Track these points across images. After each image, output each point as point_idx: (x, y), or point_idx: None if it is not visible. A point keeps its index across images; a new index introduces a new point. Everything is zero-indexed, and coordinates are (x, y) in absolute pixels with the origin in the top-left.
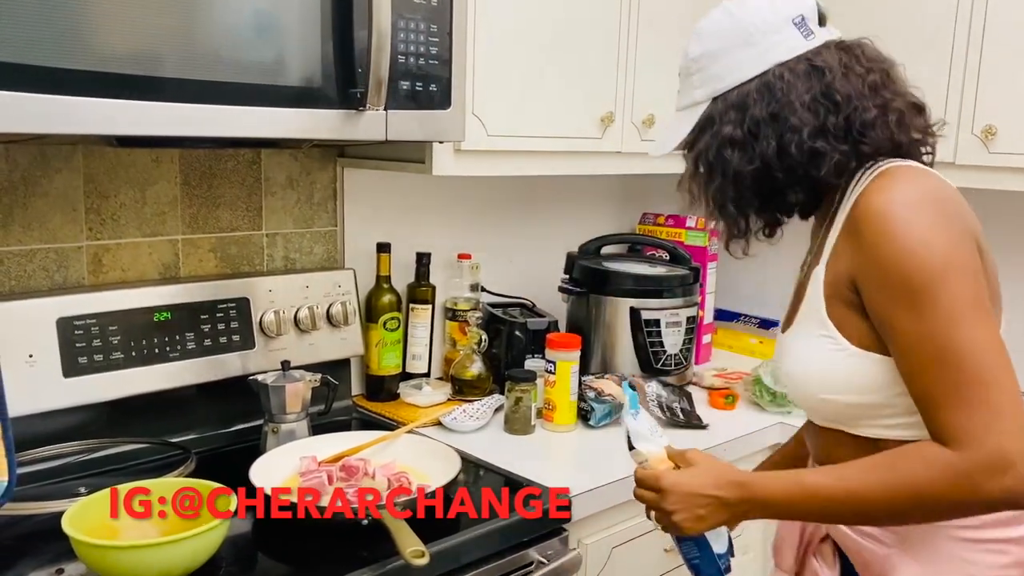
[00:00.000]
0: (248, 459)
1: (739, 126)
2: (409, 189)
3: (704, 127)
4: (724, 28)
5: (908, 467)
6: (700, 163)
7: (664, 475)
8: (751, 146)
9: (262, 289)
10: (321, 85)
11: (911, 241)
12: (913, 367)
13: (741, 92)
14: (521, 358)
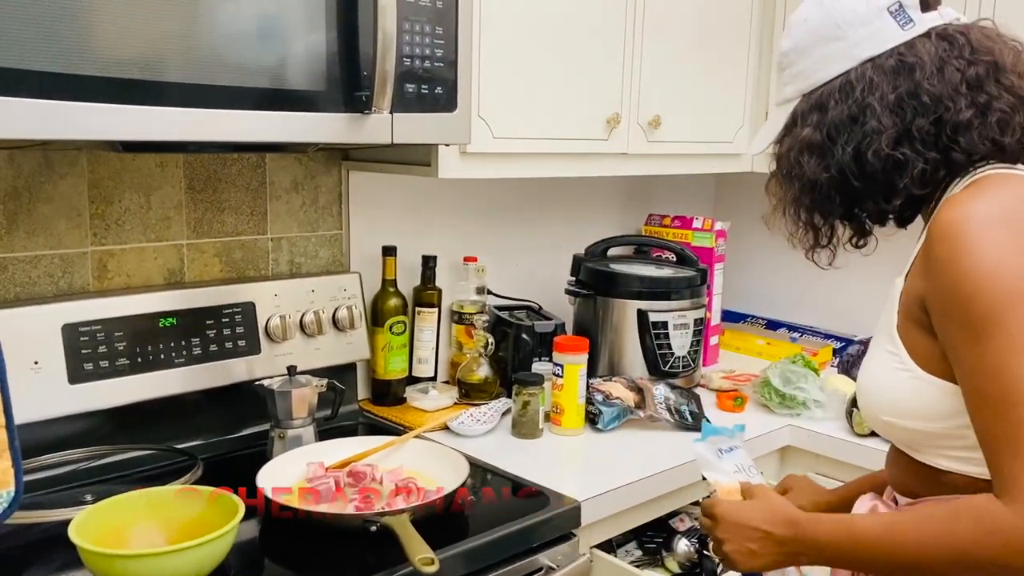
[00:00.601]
0: (255, 465)
1: (818, 129)
2: (414, 192)
3: (789, 127)
4: (813, 20)
5: (960, 524)
6: (781, 167)
7: (718, 503)
8: (829, 152)
9: (267, 294)
10: (326, 88)
11: (978, 263)
12: (974, 403)
13: (824, 92)
14: (528, 361)
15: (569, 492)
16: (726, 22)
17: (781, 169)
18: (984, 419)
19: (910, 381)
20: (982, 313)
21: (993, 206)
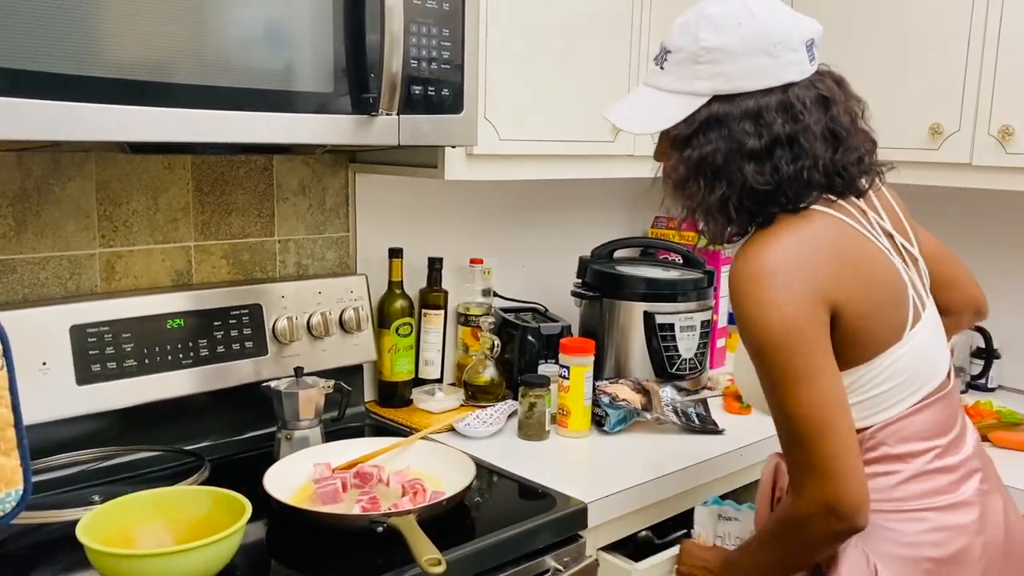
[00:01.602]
0: (262, 466)
1: (758, 139)
2: (421, 194)
3: (709, 126)
4: (748, 28)
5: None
6: (703, 165)
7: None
8: (767, 162)
9: (275, 295)
10: (333, 90)
11: (747, 316)
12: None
13: (758, 103)
14: (534, 363)
15: (576, 494)
16: None
17: (702, 168)
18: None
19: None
20: (753, 351)
21: (760, 259)
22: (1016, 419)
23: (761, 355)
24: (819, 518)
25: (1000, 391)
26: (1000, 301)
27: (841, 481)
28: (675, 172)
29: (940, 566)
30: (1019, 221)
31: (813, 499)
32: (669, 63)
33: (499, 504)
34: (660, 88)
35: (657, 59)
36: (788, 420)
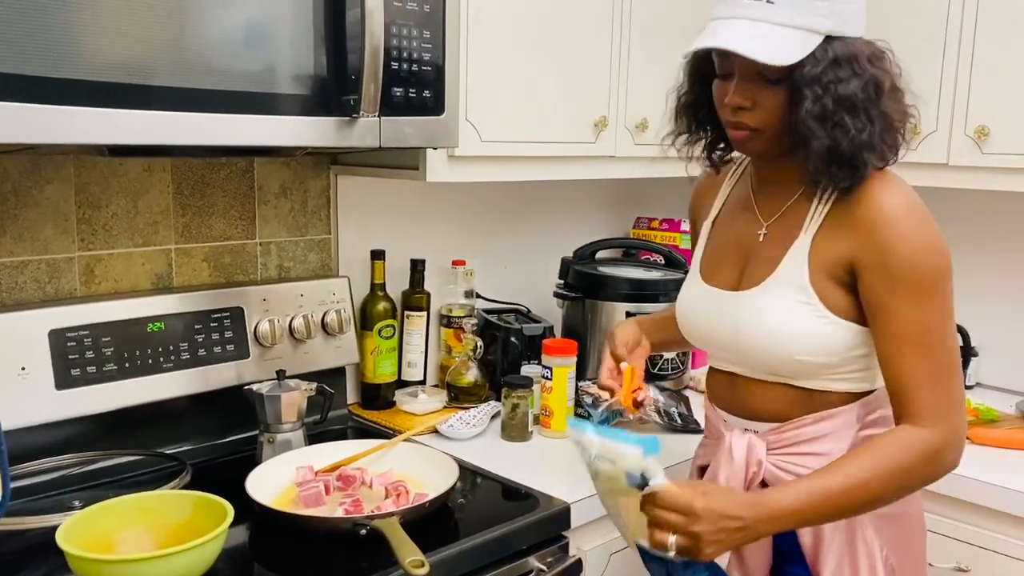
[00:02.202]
0: (244, 470)
1: (887, 77)
2: (403, 196)
3: (839, 64)
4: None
5: (893, 454)
6: (847, 102)
7: (696, 498)
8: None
9: (256, 298)
10: (314, 92)
11: (923, 244)
12: (899, 349)
13: (870, 48)
14: (517, 364)
15: (559, 494)
16: None
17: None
18: (909, 362)
19: (826, 326)
20: (928, 284)
21: (916, 197)
22: (993, 416)
23: (939, 280)
24: (955, 447)
25: (978, 388)
26: (977, 300)
27: (964, 417)
28: (815, 105)
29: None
30: (995, 220)
31: (956, 428)
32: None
33: (482, 505)
34: (771, 22)
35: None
36: (946, 351)
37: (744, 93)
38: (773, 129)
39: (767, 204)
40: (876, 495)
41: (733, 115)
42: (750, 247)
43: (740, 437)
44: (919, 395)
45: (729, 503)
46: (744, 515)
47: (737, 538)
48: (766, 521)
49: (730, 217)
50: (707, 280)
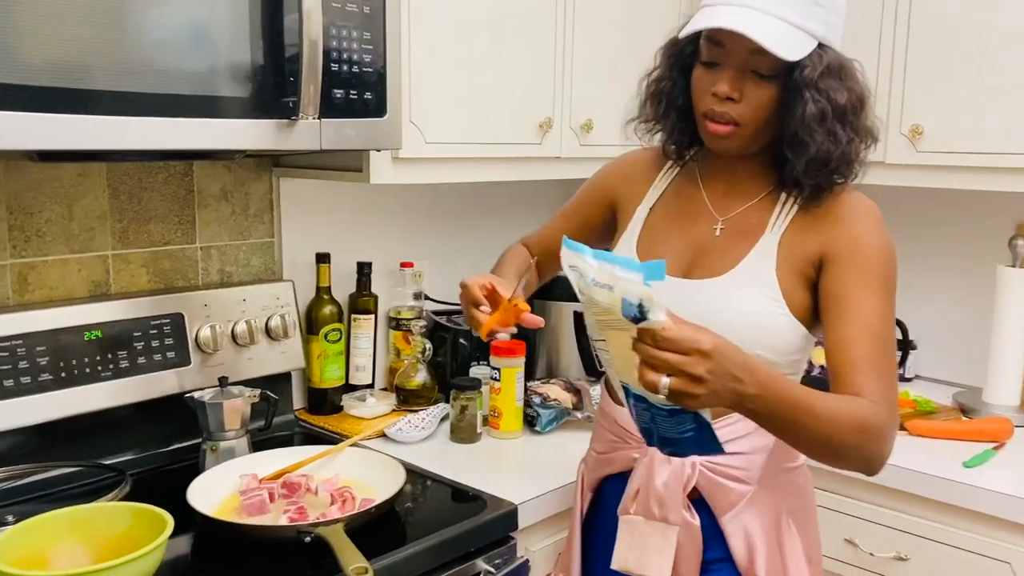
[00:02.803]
0: (186, 479)
1: (867, 92)
2: (348, 198)
3: (831, 72)
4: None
5: (866, 409)
6: (841, 112)
7: (705, 336)
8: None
9: (197, 304)
10: (253, 95)
11: (889, 245)
12: (859, 334)
13: (846, 64)
14: (466, 366)
15: (507, 495)
16: (655, 24)
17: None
18: (866, 348)
19: (786, 324)
20: (889, 277)
21: (877, 207)
22: (931, 408)
23: (895, 282)
24: (893, 438)
25: (917, 381)
26: (915, 294)
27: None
28: (815, 108)
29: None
30: (929, 217)
31: (896, 422)
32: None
33: (430, 509)
34: (778, 16)
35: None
36: (892, 348)
37: (735, 84)
38: (754, 125)
39: (723, 200)
40: (836, 439)
41: (720, 105)
42: (702, 239)
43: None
44: (873, 380)
45: (735, 351)
46: (742, 373)
47: (731, 390)
48: (758, 389)
49: (672, 207)
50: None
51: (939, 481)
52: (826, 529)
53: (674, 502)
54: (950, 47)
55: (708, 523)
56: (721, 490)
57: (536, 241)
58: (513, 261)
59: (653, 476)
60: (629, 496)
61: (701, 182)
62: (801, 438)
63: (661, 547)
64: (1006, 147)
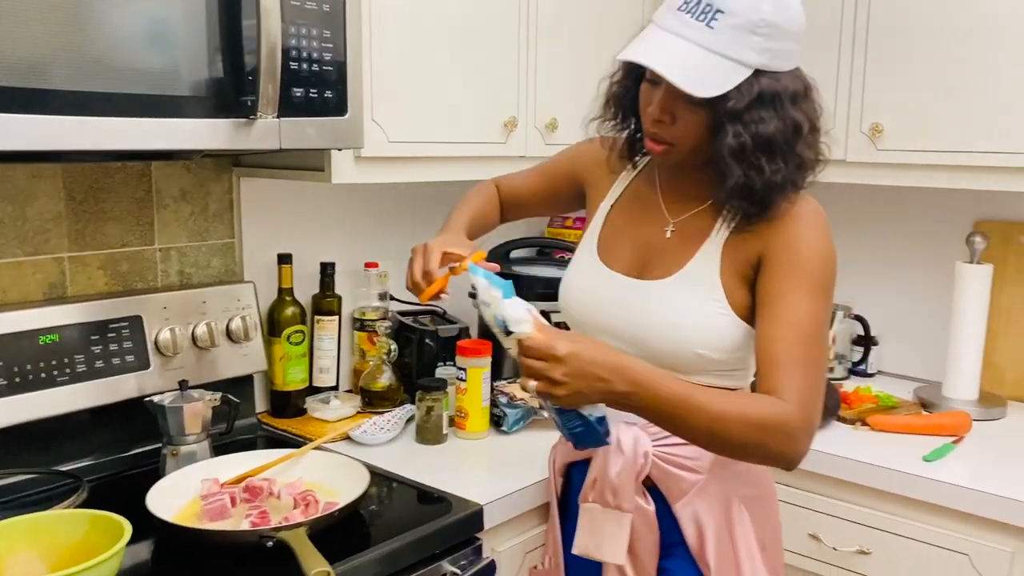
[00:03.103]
0: (146, 485)
1: (806, 119)
2: (310, 198)
3: (762, 102)
4: (793, 13)
5: (766, 407)
6: (765, 142)
7: (559, 343)
8: (811, 141)
9: (156, 306)
10: (211, 94)
11: (826, 249)
12: (784, 332)
13: (795, 85)
14: (432, 367)
15: (472, 496)
16: (620, 24)
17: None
18: (786, 346)
19: (729, 324)
20: (823, 280)
21: (822, 211)
22: (893, 403)
23: (830, 286)
24: (807, 437)
25: (879, 376)
26: (876, 290)
27: (820, 415)
28: (735, 142)
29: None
30: (890, 214)
31: (812, 422)
32: (721, 24)
33: (395, 511)
34: (706, 47)
35: (696, 13)
36: (820, 349)
37: (665, 107)
38: (688, 146)
39: (675, 203)
40: (727, 435)
41: (654, 126)
42: (655, 241)
43: (627, 430)
44: (790, 378)
45: (595, 353)
46: (615, 383)
47: (597, 390)
48: (630, 387)
49: (631, 207)
50: (605, 262)
51: (900, 475)
52: (791, 525)
53: (627, 491)
54: (910, 47)
55: (665, 509)
56: (673, 479)
57: (507, 188)
58: (472, 209)
59: (608, 466)
60: (588, 485)
61: (658, 184)
62: (688, 433)
63: (616, 533)
64: (964, 146)
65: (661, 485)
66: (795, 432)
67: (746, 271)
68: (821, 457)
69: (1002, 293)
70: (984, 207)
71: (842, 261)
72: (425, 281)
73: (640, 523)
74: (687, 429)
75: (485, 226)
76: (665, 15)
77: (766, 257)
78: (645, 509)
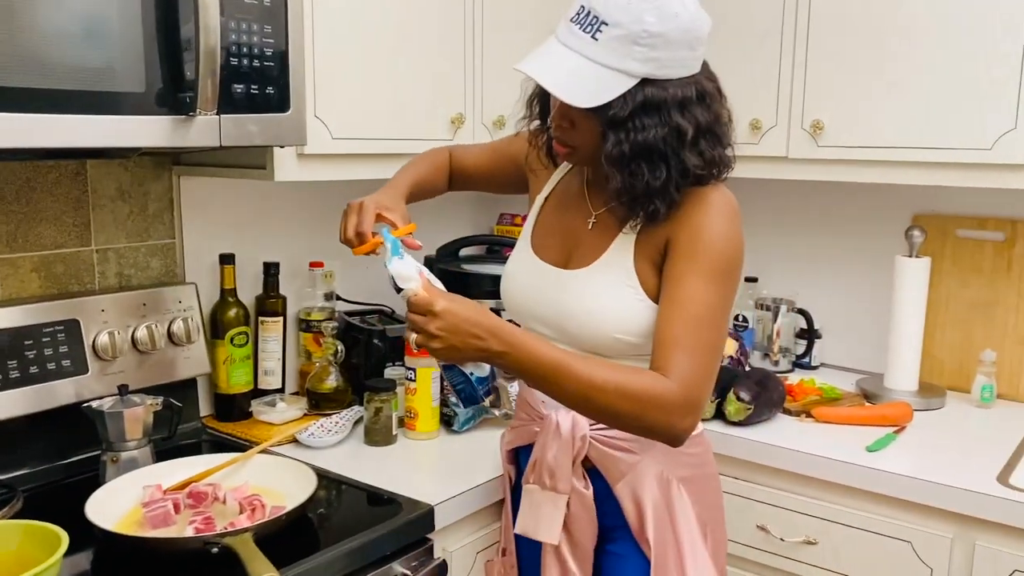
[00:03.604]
0: (85, 493)
1: (690, 126)
2: (253, 196)
3: (645, 110)
4: (682, 21)
5: (645, 380)
6: (645, 150)
7: (438, 300)
8: (697, 148)
9: (94, 309)
10: (148, 90)
11: (728, 236)
12: (676, 313)
13: (684, 93)
14: (381, 367)
15: (423, 497)
16: None
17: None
18: (678, 327)
19: (643, 308)
20: (720, 266)
21: (732, 201)
22: (836, 395)
23: (730, 271)
24: (688, 415)
25: (823, 368)
26: (819, 284)
27: (708, 396)
28: (615, 149)
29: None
30: (832, 209)
31: (696, 401)
32: (604, 36)
33: (344, 514)
34: (591, 59)
35: (584, 25)
36: (714, 333)
37: (564, 114)
38: (588, 150)
39: (598, 195)
40: (602, 403)
41: (556, 130)
42: (579, 232)
43: (565, 414)
44: (677, 356)
45: (472, 313)
46: (490, 343)
47: (472, 347)
48: (509, 360)
49: (562, 199)
50: (537, 253)
51: (844, 466)
52: (740, 516)
53: (563, 473)
54: (849, 45)
55: (607, 492)
56: (611, 460)
57: (458, 159)
58: (419, 172)
59: (546, 449)
60: (529, 467)
61: (585, 177)
62: (564, 398)
63: (552, 514)
64: (903, 141)
65: (600, 466)
66: (672, 408)
67: (656, 257)
68: (768, 449)
69: (940, 286)
70: (922, 202)
71: (785, 257)
72: (358, 240)
73: (578, 506)
74: (563, 393)
75: (429, 191)
76: (561, 26)
77: (671, 242)
78: (583, 492)
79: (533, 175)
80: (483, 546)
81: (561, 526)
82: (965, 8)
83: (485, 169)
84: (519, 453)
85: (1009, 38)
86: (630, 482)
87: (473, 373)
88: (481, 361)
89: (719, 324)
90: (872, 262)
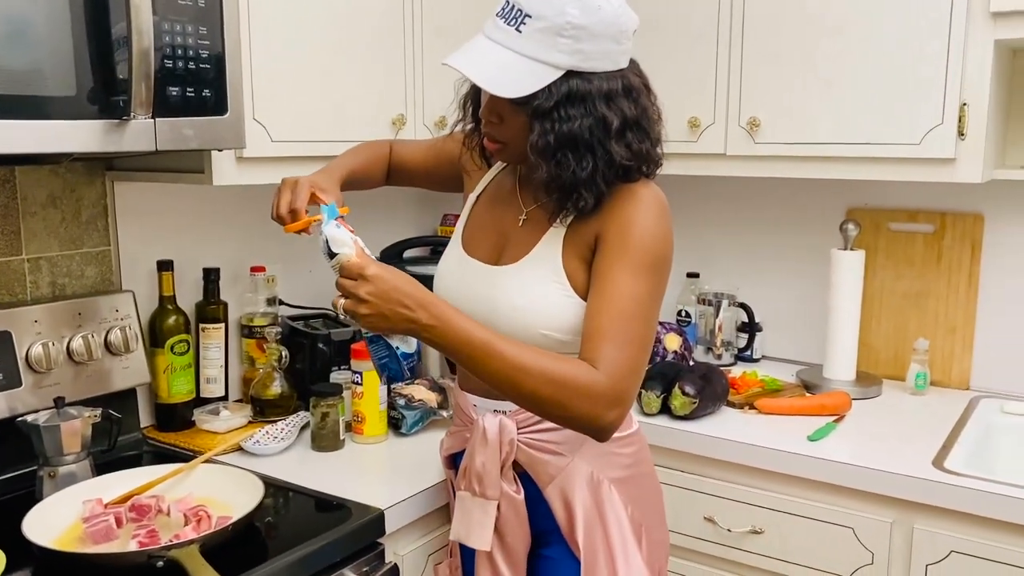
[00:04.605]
0: (22, 510)
1: (616, 117)
2: (191, 201)
3: (570, 101)
4: (605, 14)
5: (572, 368)
6: (571, 140)
7: (370, 265)
8: (623, 141)
9: (26, 320)
10: (78, 93)
11: (657, 230)
12: (605, 306)
13: (610, 85)
14: (327, 371)
15: (372, 501)
16: None
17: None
18: (606, 320)
19: (571, 305)
20: (649, 260)
21: (662, 197)
22: (778, 386)
23: (658, 266)
24: (615, 407)
25: (764, 361)
26: (759, 279)
27: (636, 389)
28: (540, 140)
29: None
30: (769, 205)
31: (623, 393)
32: (528, 28)
33: (293, 521)
34: (515, 51)
35: (509, 19)
36: (641, 325)
37: (492, 109)
38: (518, 145)
39: (530, 193)
40: (526, 387)
41: (485, 126)
42: (510, 229)
43: (492, 419)
44: (605, 348)
45: (403, 283)
46: (416, 311)
47: (401, 316)
48: (436, 333)
49: (494, 197)
50: (468, 251)
51: (786, 455)
52: (687, 509)
53: (491, 480)
54: (784, 44)
55: (539, 496)
56: (540, 464)
57: (398, 153)
58: (358, 161)
59: (475, 455)
60: (460, 473)
61: (517, 174)
62: (489, 377)
63: (482, 520)
64: (837, 137)
65: (530, 470)
66: (598, 398)
67: (585, 253)
68: (714, 441)
69: (874, 277)
70: (856, 196)
71: (726, 252)
72: (291, 217)
73: (509, 511)
74: (488, 373)
75: (366, 182)
76: (487, 21)
77: (601, 237)
78: (513, 497)
79: (467, 176)
80: (434, 548)
81: (492, 532)
82: (894, 10)
83: (423, 166)
84: (457, 459)
85: (935, 39)
86: (559, 484)
87: (399, 347)
88: (408, 334)
89: (648, 318)
90: (809, 256)
